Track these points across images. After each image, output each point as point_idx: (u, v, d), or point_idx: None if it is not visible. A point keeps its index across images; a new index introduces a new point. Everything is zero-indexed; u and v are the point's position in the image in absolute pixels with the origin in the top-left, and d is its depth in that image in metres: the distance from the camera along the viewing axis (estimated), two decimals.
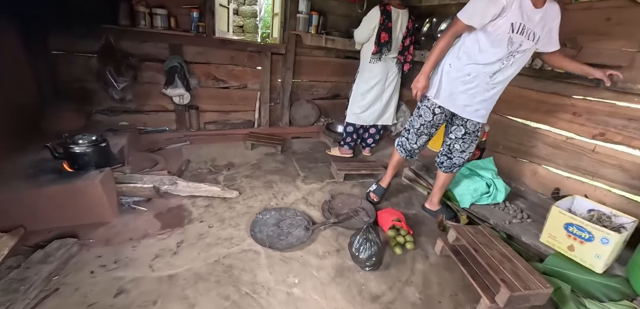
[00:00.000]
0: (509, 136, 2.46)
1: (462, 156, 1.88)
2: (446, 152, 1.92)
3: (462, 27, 1.50)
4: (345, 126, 2.81)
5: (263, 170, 2.48)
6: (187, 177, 2.23)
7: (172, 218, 1.76)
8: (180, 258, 1.47)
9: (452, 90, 1.65)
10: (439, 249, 1.68)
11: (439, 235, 1.83)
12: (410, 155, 2.02)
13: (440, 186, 2.02)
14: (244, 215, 1.85)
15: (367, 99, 2.65)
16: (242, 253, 1.54)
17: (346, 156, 2.88)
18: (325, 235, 1.74)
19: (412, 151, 1.97)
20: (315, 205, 2.05)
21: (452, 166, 1.92)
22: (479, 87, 1.60)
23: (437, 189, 2.04)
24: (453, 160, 1.90)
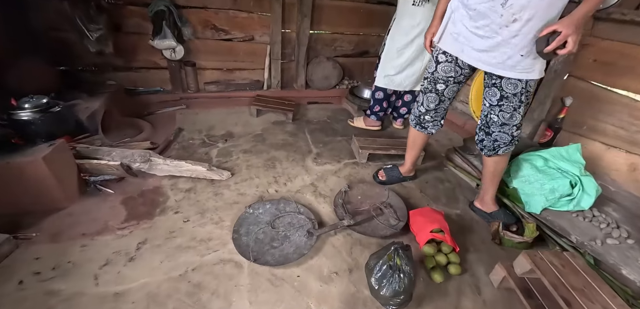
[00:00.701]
0: (601, 113, 1.75)
1: (504, 132, 1.31)
2: (484, 125, 1.37)
3: None
4: (374, 91, 2.22)
5: (267, 143, 2.03)
6: (174, 150, 1.86)
7: (142, 205, 1.40)
8: (137, 266, 1.11)
9: (460, 31, 1.21)
10: (497, 279, 1.17)
11: (498, 256, 1.30)
12: (420, 126, 1.51)
13: (489, 177, 1.47)
14: (232, 205, 1.44)
15: (405, 57, 2.00)
16: (219, 266, 1.15)
17: (373, 129, 2.32)
18: (335, 243, 1.29)
19: (420, 118, 1.50)
20: (326, 195, 1.59)
21: (495, 147, 1.36)
22: (493, 23, 1.10)
23: (487, 182, 1.49)
24: (493, 137, 1.34)
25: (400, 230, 1.34)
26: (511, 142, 1.33)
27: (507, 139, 1.32)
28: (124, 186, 1.50)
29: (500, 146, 1.34)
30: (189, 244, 1.22)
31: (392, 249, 1.03)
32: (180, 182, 1.57)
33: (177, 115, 2.27)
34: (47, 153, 1.23)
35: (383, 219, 1.41)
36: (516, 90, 1.19)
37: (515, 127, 1.29)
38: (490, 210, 1.54)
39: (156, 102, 2.37)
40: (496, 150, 1.36)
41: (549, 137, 1.94)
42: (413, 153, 1.64)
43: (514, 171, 1.60)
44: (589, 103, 1.79)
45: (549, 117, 1.99)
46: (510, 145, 1.34)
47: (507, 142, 1.33)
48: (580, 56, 1.80)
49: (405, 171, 1.70)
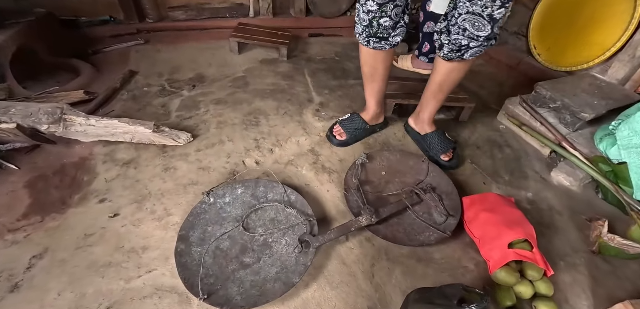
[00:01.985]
0: None
1: (476, 34, 0.83)
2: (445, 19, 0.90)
3: None
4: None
5: (250, 90, 1.47)
6: (121, 101, 1.33)
7: (56, 188, 0.93)
8: (20, 301, 0.66)
9: None
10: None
11: (606, 280, 0.81)
12: (376, 38, 0.94)
13: (435, 88, 1.03)
14: (188, 188, 0.95)
15: None
16: (152, 299, 0.69)
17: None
18: (345, 259, 0.81)
19: (372, 24, 0.90)
20: (333, 169, 1.07)
21: (461, 47, 0.88)
22: None
23: (429, 95, 1.07)
24: (452, 37, 0.87)
25: (451, 233, 0.84)
26: (488, 39, 0.84)
27: (476, 47, 0.86)
28: (36, 159, 1.02)
29: (468, 46, 0.85)
30: (111, 258, 0.76)
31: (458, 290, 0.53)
32: (119, 150, 1.06)
33: (131, 53, 1.68)
34: None
35: (422, 212, 0.91)
36: None
37: (492, 32, 0.83)
38: (424, 131, 1.14)
39: (105, 37, 1.78)
40: (462, 51, 0.87)
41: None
42: (375, 87, 1.10)
43: (625, 136, 1.03)
44: None
45: None
46: (484, 43, 0.85)
47: (475, 48, 0.86)
48: None
49: (370, 118, 1.17)
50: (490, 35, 0.84)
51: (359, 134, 1.17)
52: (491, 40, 0.86)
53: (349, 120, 1.17)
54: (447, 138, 1.12)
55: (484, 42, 0.85)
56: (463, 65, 0.93)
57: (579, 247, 0.91)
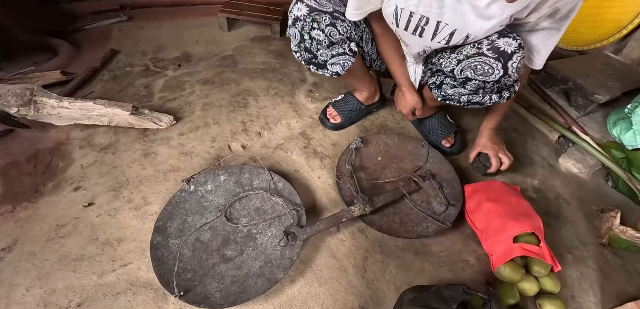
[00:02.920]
0: None
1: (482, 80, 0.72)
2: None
3: None
4: None
5: (240, 69, 1.37)
6: (102, 82, 1.24)
7: (29, 175, 0.87)
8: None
9: None
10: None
11: (616, 276, 0.76)
12: (308, 60, 0.85)
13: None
14: (169, 175, 0.88)
15: None
16: (126, 297, 0.63)
17: None
18: (336, 252, 0.75)
19: (300, 36, 0.79)
20: (325, 154, 1.00)
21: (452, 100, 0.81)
22: None
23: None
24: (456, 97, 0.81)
25: (451, 224, 0.78)
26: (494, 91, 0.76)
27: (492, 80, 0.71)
28: (9, 144, 0.95)
29: (469, 102, 0.79)
30: (84, 250, 0.70)
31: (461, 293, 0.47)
32: (97, 134, 0.99)
33: (113, 31, 1.57)
34: None
35: (421, 200, 0.84)
36: None
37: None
38: (428, 112, 1.02)
39: (86, 14, 1.66)
40: (462, 104, 0.80)
41: None
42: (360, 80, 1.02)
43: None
44: None
45: None
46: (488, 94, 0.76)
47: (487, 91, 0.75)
48: None
49: (366, 98, 1.08)
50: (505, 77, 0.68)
51: (354, 116, 1.09)
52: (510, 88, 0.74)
53: (343, 101, 1.08)
54: (448, 122, 1.04)
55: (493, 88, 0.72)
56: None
57: (587, 239, 0.85)
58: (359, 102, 1.07)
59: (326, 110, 1.10)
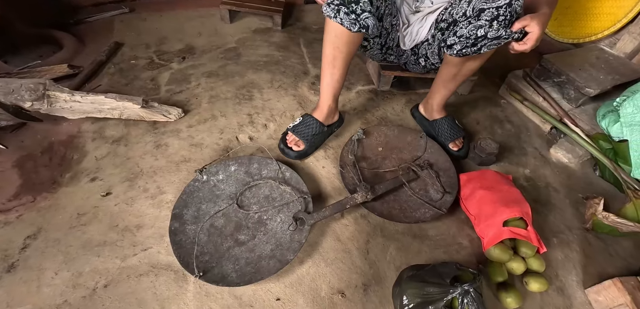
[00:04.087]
0: None
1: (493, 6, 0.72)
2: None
3: None
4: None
5: (243, 61, 1.40)
6: (107, 75, 1.27)
7: (45, 167, 0.91)
8: (16, 282, 0.67)
9: None
10: (608, 303, 0.71)
11: (595, 247, 0.83)
12: (342, 2, 0.77)
13: (448, 79, 0.96)
14: (181, 165, 0.93)
15: None
16: (149, 278, 0.69)
17: None
18: (340, 235, 0.81)
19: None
20: (328, 146, 1.05)
21: (476, 41, 0.78)
22: None
23: (440, 84, 1.00)
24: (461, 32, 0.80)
25: (447, 210, 0.83)
26: (507, 20, 0.72)
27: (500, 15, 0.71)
28: (23, 137, 0.98)
29: (485, 37, 0.75)
30: (106, 237, 0.75)
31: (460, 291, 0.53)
32: (108, 127, 1.03)
33: (116, 23, 1.59)
34: None
35: (419, 188, 0.90)
36: None
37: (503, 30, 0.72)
38: (433, 117, 1.07)
39: (87, 6, 1.67)
40: (479, 46, 0.78)
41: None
42: (335, 74, 0.91)
43: (629, 114, 1.00)
44: None
45: None
46: (502, 27, 0.73)
47: (501, 22, 0.72)
48: None
49: (325, 117, 0.98)
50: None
51: (317, 140, 0.99)
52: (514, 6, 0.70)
53: (302, 125, 0.97)
54: (457, 126, 1.05)
55: (506, 14, 0.70)
56: (481, 56, 0.84)
57: (573, 224, 0.91)
58: (320, 124, 0.97)
59: (285, 137, 0.98)
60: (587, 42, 1.55)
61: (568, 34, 1.62)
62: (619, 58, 1.38)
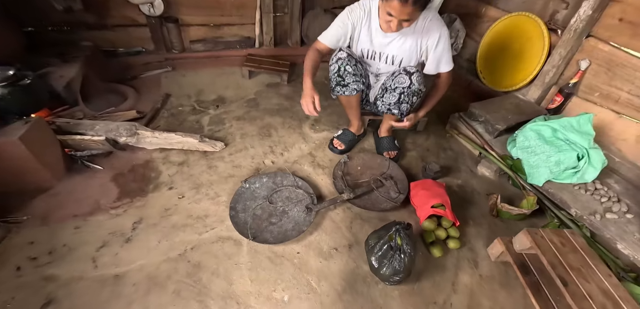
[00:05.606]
0: (618, 79, 1.64)
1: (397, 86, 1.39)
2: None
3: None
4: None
5: (261, 108, 1.93)
6: (163, 118, 1.75)
7: (134, 181, 1.35)
8: (134, 247, 1.09)
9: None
10: (495, 253, 1.18)
11: (496, 229, 1.31)
12: (339, 83, 1.43)
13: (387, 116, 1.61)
14: (228, 179, 1.40)
15: None
16: (218, 244, 1.13)
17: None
18: (334, 218, 1.28)
19: (338, 68, 1.40)
20: (325, 166, 1.54)
21: (389, 106, 1.43)
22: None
23: (385, 117, 1.63)
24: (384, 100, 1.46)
25: (400, 203, 1.32)
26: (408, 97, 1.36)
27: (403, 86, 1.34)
28: (113, 161, 1.43)
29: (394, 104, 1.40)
30: (186, 222, 1.19)
31: (394, 230, 1.01)
32: (172, 155, 1.50)
33: (162, 79, 2.11)
34: (24, 133, 1.13)
35: (383, 191, 1.38)
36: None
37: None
38: (381, 135, 1.65)
39: (139, 65, 2.19)
40: (393, 110, 1.42)
41: (559, 102, 1.85)
42: (352, 113, 1.59)
43: (520, 141, 1.54)
44: (608, 68, 1.67)
45: (560, 81, 1.89)
46: (403, 104, 1.38)
47: (402, 100, 1.37)
48: (605, 15, 1.64)
49: (356, 130, 1.67)
50: (413, 87, 1.31)
51: (352, 143, 1.65)
52: (416, 95, 1.34)
53: (343, 134, 1.65)
54: (394, 143, 1.63)
55: (409, 94, 1.33)
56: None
57: (485, 214, 1.40)
58: (353, 134, 1.64)
59: (333, 141, 1.64)
60: (511, 90, 2.15)
61: (498, 84, 2.22)
62: (529, 102, 1.96)
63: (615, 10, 1.61)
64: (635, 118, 1.61)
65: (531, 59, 2.00)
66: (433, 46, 1.31)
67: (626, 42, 1.59)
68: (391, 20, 1.15)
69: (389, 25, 1.18)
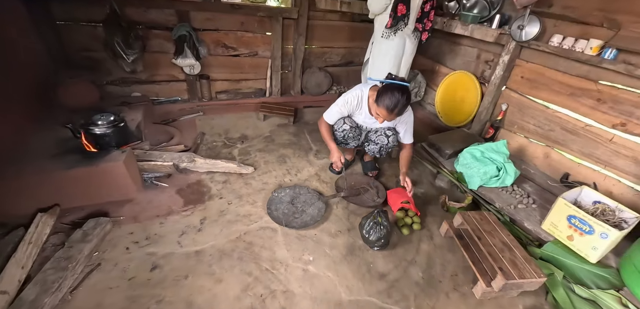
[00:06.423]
0: (526, 116, 2.41)
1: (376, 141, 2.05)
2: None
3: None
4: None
5: (276, 143, 2.53)
6: (203, 151, 2.31)
7: (192, 194, 1.87)
8: (204, 234, 1.60)
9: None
10: (443, 231, 1.78)
11: (444, 216, 1.92)
12: (341, 141, 2.09)
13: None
14: (260, 191, 1.95)
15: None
16: (261, 231, 1.66)
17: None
18: (337, 214, 1.85)
19: (344, 135, 2.05)
20: (327, 181, 2.13)
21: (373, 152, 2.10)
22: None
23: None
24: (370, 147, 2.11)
25: (380, 204, 1.92)
26: (383, 151, 2.06)
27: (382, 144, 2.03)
28: (173, 181, 1.96)
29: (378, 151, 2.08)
30: (236, 219, 1.72)
31: (376, 211, 1.60)
32: (216, 176, 2.04)
33: (196, 121, 2.70)
34: (124, 159, 1.66)
35: (369, 196, 1.98)
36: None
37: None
38: (365, 161, 2.35)
39: (175, 110, 2.78)
40: (375, 154, 2.09)
41: (492, 133, 2.60)
42: (348, 151, 2.29)
43: (462, 160, 2.22)
44: (519, 109, 2.44)
45: (492, 119, 2.65)
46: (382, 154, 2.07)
47: (382, 151, 2.06)
48: (512, 74, 2.45)
49: (350, 158, 2.35)
50: (389, 144, 1.98)
51: (346, 166, 2.20)
52: (391, 148, 2.02)
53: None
54: (375, 165, 2.26)
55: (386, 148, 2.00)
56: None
57: (439, 209, 2.02)
58: (346, 160, 2.22)
59: (332, 165, 2.20)
60: (460, 126, 2.90)
61: (452, 121, 2.97)
62: (471, 134, 2.70)
63: (518, 71, 2.43)
64: (540, 142, 2.35)
65: (470, 103, 2.78)
66: (403, 128, 1.97)
67: (527, 91, 2.38)
68: (379, 117, 1.72)
69: (377, 119, 1.75)
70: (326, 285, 1.42)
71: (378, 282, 1.48)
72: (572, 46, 2.00)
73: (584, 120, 2.08)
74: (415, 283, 1.51)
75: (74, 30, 2.28)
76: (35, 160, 1.59)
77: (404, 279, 1.51)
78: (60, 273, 1.25)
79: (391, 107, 1.61)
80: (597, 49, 1.88)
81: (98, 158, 1.66)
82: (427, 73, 3.28)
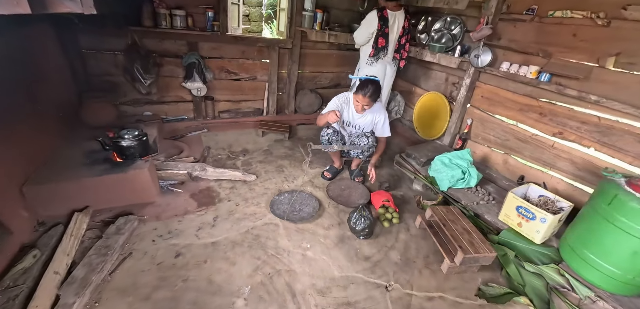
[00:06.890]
0: (487, 129, 2.85)
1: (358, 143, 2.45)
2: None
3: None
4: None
5: (274, 155, 2.87)
6: (210, 163, 2.62)
7: (204, 198, 2.16)
8: (218, 229, 1.89)
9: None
10: (418, 223, 2.13)
11: (419, 212, 2.28)
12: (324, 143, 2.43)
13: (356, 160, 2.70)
14: (263, 195, 2.26)
15: None
16: (266, 225, 1.96)
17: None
18: (329, 211, 2.17)
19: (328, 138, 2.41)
20: (320, 187, 2.46)
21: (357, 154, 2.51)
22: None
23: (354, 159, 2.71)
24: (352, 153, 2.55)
25: (365, 203, 2.26)
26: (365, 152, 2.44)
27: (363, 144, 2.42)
28: (186, 187, 2.24)
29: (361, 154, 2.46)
30: (244, 217, 2.02)
31: (361, 206, 1.94)
32: (223, 183, 2.35)
33: (201, 137, 3.01)
34: (149, 166, 1.96)
35: (355, 196, 2.32)
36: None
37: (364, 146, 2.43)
38: (352, 168, 2.72)
39: (183, 127, 3.09)
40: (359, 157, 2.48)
41: (460, 144, 3.02)
42: (335, 157, 2.62)
43: (433, 166, 2.61)
44: (481, 123, 2.89)
45: (460, 131, 3.09)
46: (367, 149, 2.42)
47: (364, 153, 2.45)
48: (474, 94, 2.91)
49: (338, 166, 2.67)
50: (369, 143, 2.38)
51: (335, 173, 2.60)
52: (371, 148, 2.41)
53: (330, 168, 2.61)
54: (360, 172, 2.61)
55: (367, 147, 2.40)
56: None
57: (415, 207, 2.38)
58: (336, 168, 2.61)
59: (323, 172, 2.58)
60: (433, 139, 3.32)
61: (427, 135, 3.40)
62: (443, 145, 3.12)
63: (478, 92, 2.89)
64: (500, 151, 2.78)
65: (442, 119, 3.22)
66: (380, 122, 2.40)
67: (487, 108, 2.84)
68: (358, 104, 2.23)
69: (357, 106, 2.25)
70: (322, 265, 1.73)
71: (364, 262, 1.80)
72: (518, 71, 2.47)
73: (531, 130, 2.52)
74: (394, 263, 1.83)
75: (97, 57, 2.61)
76: (70, 169, 1.86)
77: (385, 261, 1.84)
78: (102, 258, 1.51)
79: (365, 91, 2.18)
80: (536, 73, 2.35)
81: (125, 166, 1.94)
82: (405, 93, 3.74)
